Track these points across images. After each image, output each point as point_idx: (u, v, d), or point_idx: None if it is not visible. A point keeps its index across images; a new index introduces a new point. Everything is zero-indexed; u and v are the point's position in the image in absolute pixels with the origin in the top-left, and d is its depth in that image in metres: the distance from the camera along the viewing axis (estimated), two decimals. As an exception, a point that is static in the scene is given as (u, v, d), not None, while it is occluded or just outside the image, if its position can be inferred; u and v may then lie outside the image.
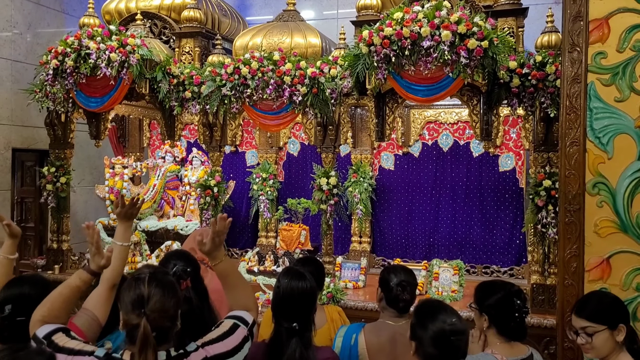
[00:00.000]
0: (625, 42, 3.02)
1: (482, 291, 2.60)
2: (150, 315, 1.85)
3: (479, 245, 6.28)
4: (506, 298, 2.51)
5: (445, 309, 2.18)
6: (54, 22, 7.90)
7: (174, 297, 1.94)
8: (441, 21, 4.30)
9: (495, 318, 2.50)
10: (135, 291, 1.88)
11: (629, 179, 3.06)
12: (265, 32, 6.17)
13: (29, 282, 2.50)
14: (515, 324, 2.48)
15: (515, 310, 2.47)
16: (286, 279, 2.41)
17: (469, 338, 2.19)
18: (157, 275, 1.97)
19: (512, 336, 2.51)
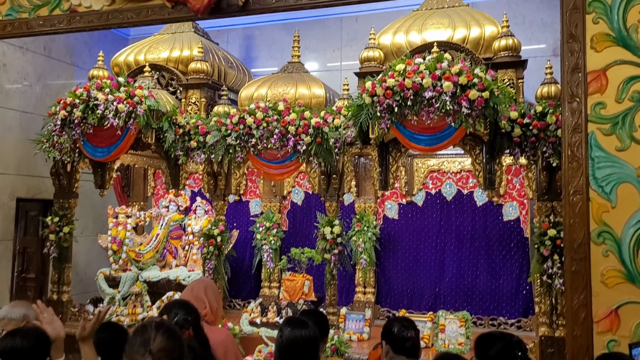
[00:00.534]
0: (624, 93, 3.07)
1: (482, 344, 2.55)
2: (155, 355, 1.86)
3: (485, 296, 6.20)
4: (507, 349, 2.45)
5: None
6: (63, 74, 8.09)
7: (179, 340, 1.97)
8: (442, 72, 4.39)
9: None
10: (142, 335, 1.92)
11: (634, 228, 3.04)
12: (270, 83, 6.30)
13: (23, 334, 2.45)
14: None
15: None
16: (289, 327, 2.38)
17: None
18: (163, 322, 2.02)
19: None
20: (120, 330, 2.98)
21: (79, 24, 4.30)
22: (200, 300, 3.19)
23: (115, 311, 5.99)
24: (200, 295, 3.23)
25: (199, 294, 3.23)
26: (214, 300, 3.23)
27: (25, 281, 7.53)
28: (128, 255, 6.56)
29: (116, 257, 6.58)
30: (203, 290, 3.27)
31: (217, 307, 3.27)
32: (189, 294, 3.17)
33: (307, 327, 2.38)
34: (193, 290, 3.26)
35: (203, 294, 3.24)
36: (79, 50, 8.36)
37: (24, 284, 7.52)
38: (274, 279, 6.88)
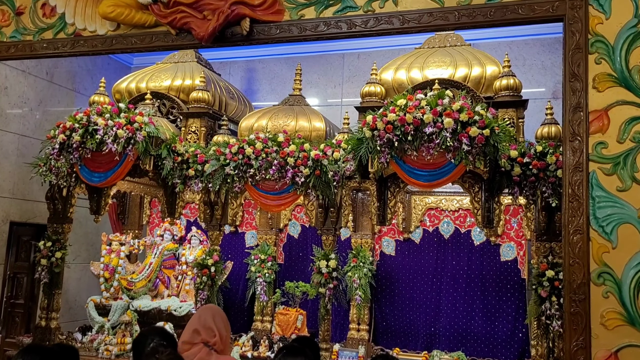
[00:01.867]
0: (625, 134, 3.07)
1: None
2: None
3: (481, 337, 6.09)
4: None
5: None
6: (64, 100, 8.12)
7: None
8: (443, 109, 4.40)
9: None
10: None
11: (634, 270, 3.01)
12: (270, 114, 6.32)
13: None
14: None
15: None
16: (281, 353, 2.32)
17: None
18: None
19: None
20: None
21: (83, 47, 4.33)
22: (209, 329, 3.03)
23: (104, 340, 5.87)
24: (209, 323, 3.07)
25: (206, 322, 3.07)
26: (223, 329, 3.08)
27: (13, 307, 7.40)
28: (120, 284, 6.47)
29: (108, 285, 6.48)
30: (212, 318, 3.09)
31: (227, 335, 3.14)
32: (196, 322, 3.02)
33: (302, 353, 2.32)
34: (200, 318, 3.09)
35: (212, 321, 3.08)
36: (81, 77, 8.41)
37: (13, 309, 7.39)
38: (267, 313, 6.76)
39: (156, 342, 2.51)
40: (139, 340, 2.63)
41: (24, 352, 2.57)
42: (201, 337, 2.83)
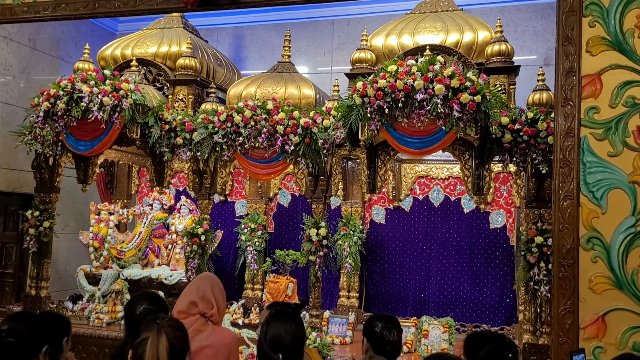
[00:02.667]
0: (618, 98, 3.04)
1: (471, 343, 2.49)
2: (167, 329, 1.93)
3: (469, 303, 6.16)
4: (497, 350, 2.39)
5: None
6: (48, 67, 7.94)
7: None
8: (435, 75, 4.35)
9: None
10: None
11: (623, 235, 3.02)
12: (259, 82, 6.22)
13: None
14: None
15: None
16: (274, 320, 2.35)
17: None
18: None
19: None
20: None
21: (65, 11, 4.21)
22: (207, 301, 2.93)
23: (95, 308, 5.87)
24: (208, 295, 2.95)
25: (205, 293, 2.95)
26: (221, 301, 2.98)
27: (3, 277, 7.36)
28: (110, 253, 6.44)
29: (97, 255, 6.46)
30: (210, 290, 2.98)
31: (223, 306, 3.06)
32: (194, 294, 2.91)
33: (294, 318, 2.35)
34: (199, 290, 2.96)
35: (210, 293, 2.96)
36: (64, 44, 8.22)
37: (2, 279, 7.36)
38: (258, 281, 6.78)
39: (145, 307, 2.49)
40: (130, 305, 2.62)
41: (10, 320, 2.53)
42: (198, 309, 2.78)
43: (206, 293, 2.94)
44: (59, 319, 2.77)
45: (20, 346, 2.34)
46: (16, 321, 2.48)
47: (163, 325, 1.92)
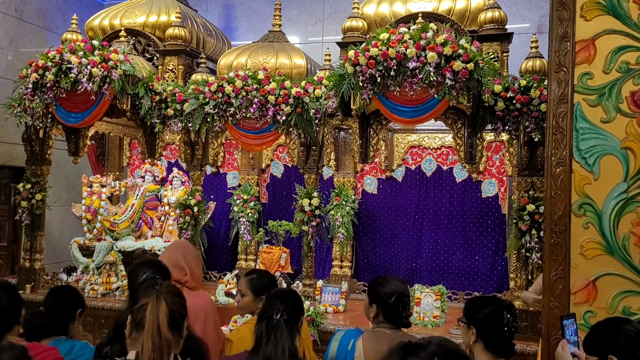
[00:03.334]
0: (612, 64, 3.02)
1: (472, 305, 2.53)
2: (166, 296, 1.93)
3: (461, 272, 6.22)
4: (496, 312, 2.43)
5: None
6: (36, 38, 7.81)
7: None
8: (427, 43, 4.31)
9: (484, 332, 2.42)
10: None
11: (615, 201, 3.03)
12: (250, 52, 6.15)
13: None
14: (503, 340, 2.41)
15: (505, 325, 2.39)
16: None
17: None
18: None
19: (500, 352, 2.42)
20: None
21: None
22: (180, 268, 3.04)
23: (89, 280, 5.89)
24: (180, 262, 3.07)
25: (177, 261, 3.08)
26: (194, 266, 3.08)
27: (-4, 250, 7.38)
28: (103, 225, 6.43)
29: (90, 227, 6.45)
30: (182, 257, 3.11)
31: (198, 272, 3.14)
32: (166, 261, 2.97)
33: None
34: (171, 258, 3.08)
35: (182, 260, 3.09)
36: (52, 14, 8.07)
37: (-4, 252, 7.37)
38: (251, 252, 6.81)
39: (148, 274, 2.52)
40: (133, 272, 2.66)
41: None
42: (172, 277, 2.82)
43: (178, 261, 3.07)
44: (75, 292, 2.95)
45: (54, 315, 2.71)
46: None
47: (162, 291, 1.92)
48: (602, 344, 2.25)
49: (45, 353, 2.34)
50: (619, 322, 2.34)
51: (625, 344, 2.19)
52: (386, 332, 2.71)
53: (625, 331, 2.24)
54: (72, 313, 2.79)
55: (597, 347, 2.25)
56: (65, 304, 2.79)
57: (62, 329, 2.74)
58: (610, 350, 2.20)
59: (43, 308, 2.74)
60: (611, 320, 2.42)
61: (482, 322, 2.44)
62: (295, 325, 2.33)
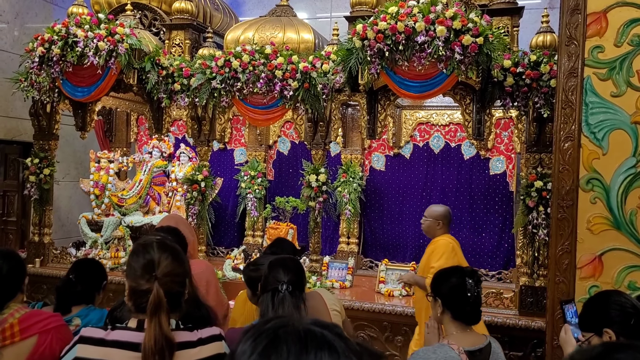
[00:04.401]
0: (623, 36, 2.98)
1: (437, 278, 2.51)
2: (161, 279, 1.82)
3: (468, 249, 6.19)
4: (459, 280, 2.41)
5: None
6: (42, 12, 7.78)
7: (183, 262, 1.93)
8: (436, 16, 4.25)
9: (449, 302, 2.41)
10: (145, 256, 1.86)
11: (624, 176, 3.01)
12: (257, 26, 6.10)
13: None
14: (469, 307, 2.38)
15: (468, 291, 2.36)
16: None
17: None
18: (165, 241, 1.96)
19: (467, 320, 2.40)
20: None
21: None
22: None
23: (98, 254, 5.94)
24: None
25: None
26: (189, 234, 3.13)
27: (6, 224, 7.45)
28: (111, 200, 6.47)
29: (98, 202, 6.50)
30: (175, 226, 3.17)
31: (193, 239, 3.20)
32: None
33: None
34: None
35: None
36: (58, -12, 8.03)
37: (5, 227, 7.44)
38: (258, 228, 6.84)
39: (162, 236, 2.55)
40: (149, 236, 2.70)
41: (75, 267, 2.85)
42: None
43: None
44: (101, 265, 3.03)
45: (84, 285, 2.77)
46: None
47: (159, 277, 1.84)
48: (595, 319, 2.23)
49: (49, 319, 2.36)
50: (610, 295, 2.33)
51: (619, 315, 2.17)
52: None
53: (617, 302, 2.22)
54: (99, 284, 2.86)
55: (591, 323, 2.23)
56: (94, 275, 2.87)
57: (90, 298, 2.81)
58: (604, 323, 2.18)
59: (74, 276, 2.79)
60: (601, 294, 2.40)
61: (446, 292, 2.42)
62: (301, 296, 2.34)
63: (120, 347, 1.80)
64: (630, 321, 2.13)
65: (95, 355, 1.80)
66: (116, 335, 1.83)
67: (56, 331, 2.32)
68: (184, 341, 1.86)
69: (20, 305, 2.39)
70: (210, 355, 1.89)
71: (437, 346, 2.28)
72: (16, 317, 2.29)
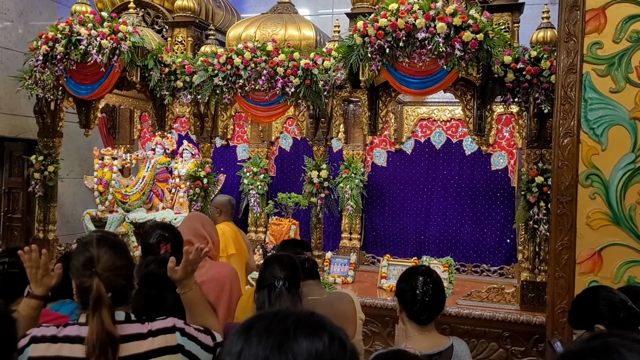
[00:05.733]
0: (622, 33, 3.00)
1: (399, 278, 2.46)
2: (102, 274, 1.83)
3: (470, 244, 6.25)
4: (411, 278, 2.35)
5: None
6: (45, 10, 7.82)
7: (125, 255, 1.94)
8: (436, 13, 4.27)
9: (402, 299, 2.36)
10: (85, 253, 1.88)
11: (622, 171, 3.03)
12: (259, 23, 6.12)
13: None
14: (419, 306, 2.29)
15: (417, 287, 2.29)
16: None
17: None
18: (105, 236, 1.97)
19: (418, 319, 2.32)
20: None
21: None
22: (202, 237, 3.07)
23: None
24: (200, 231, 3.11)
25: (198, 230, 3.11)
26: (214, 234, 3.12)
27: (11, 221, 7.50)
28: (114, 197, 6.51)
29: (102, 199, 6.54)
30: (201, 226, 3.15)
31: (217, 240, 3.19)
32: (187, 232, 2.98)
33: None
34: (190, 228, 3.09)
35: (202, 229, 3.13)
36: (61, -14, 8.07)
37: (10, 223, 7.49)
38: (261, 224, 6.88)
39: (159, 234, 2.59)
40: (147, 232, 2.74)
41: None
42: (195, 247, 2.87)
43: (198, 229, 3.10)
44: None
45: None
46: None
47: (99, 272, 1.85)
48: (585, 316, 2.24)
49: (56, 321, 2.39)
50: (596, 290, 2.34)
51: (608, 310, 2.18)
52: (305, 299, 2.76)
53: (605, 298, 2.24)
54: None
55: (581, 320, 2.25)
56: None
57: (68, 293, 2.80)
58: (595, 319, 2.18)
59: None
60: (588, 290, 2.42)
61: (399, 290, 2.39)
62: (297, 291, 2.37)
63: (71, 341, 1.83)
64: (619, 315, 2.15)
65: (48, 352, 1.83)
66: (68, 330, 1.86)
67: None
68: (133, 333, 1.88)
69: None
70: (161, 347, 1.91)
71: (394, 350, 2.19)
72: None
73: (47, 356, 1.82)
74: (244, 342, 0.89)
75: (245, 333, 0.91)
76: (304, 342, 0.87)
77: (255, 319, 0.93)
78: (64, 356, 1.82)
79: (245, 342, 0.89)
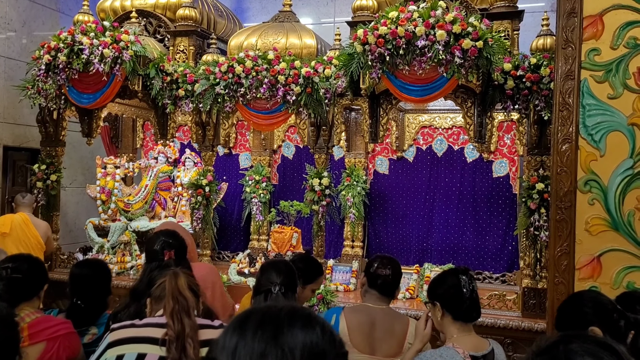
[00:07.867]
0: (619, 39, 3.01)
1: (432, 284, 2.49)
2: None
3: (472, 251, 6.23)
4: (453, 279, 2.38)
5: None
6: (48, 20, 7.88)
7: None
8: (436, 21, 4.29)
9: (448, 303, 2.36)
10: None
11: (621, 177, 3.03)
12: (260, 32, 6.16)
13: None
14: (468, 303, 2.33)
15: (463, 287, 2.33)
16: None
17: None
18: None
19: (467, 318, 2.35)
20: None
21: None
22: None
23: (105, 259, 5.99)
24: None
25: None
26: (188, 238, 3.19)
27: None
28: (117, 206, 6.54)
29: (105, 207, 6.56)
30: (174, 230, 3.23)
31: (192, 243, 3.27)
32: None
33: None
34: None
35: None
36: (65, -3, 8.14)
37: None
38: (263, 232, 6.88)
39: (163, 241, 2.62)
40: (151, 239, 2.78)
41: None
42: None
43: None
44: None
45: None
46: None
47: (177, 271, 2.02)
48: (571, 321, 2.22)
49: (58, 326, 2.40)
50: (582, 294, 2.35)
51: (594, 312, 2.15)
52: (367, 306, 2.78)
53: (590, 299, 2.23)
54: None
55: (567, 323, 2.23)
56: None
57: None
58: (582, 323, 2.14)
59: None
60: (573, 294, 2.42)
61: (443, 293, 2.39)
62: (293, 297, 2.39)
63: (151, 326, 1.98)
64: (611, 317, 2.12)
65: (127, 334, 1.96)
66: (146, 320, 2.03)
67: (64, 339, 2.36)
68: (204, 324, 2.06)
69: (33, 310, 2.44)
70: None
71: (443, 349, 2.25)
72: (26, 322, 2.33)
73: (127, 337, 1.95)
74: (239, 337, 0.90)
75: (238, 328, 0.92)
76: (299, 334, 0.89)
77: (248, 314, 0.95)
78: (143, 336, 1.95)
79: (240, 337, 0.90)
